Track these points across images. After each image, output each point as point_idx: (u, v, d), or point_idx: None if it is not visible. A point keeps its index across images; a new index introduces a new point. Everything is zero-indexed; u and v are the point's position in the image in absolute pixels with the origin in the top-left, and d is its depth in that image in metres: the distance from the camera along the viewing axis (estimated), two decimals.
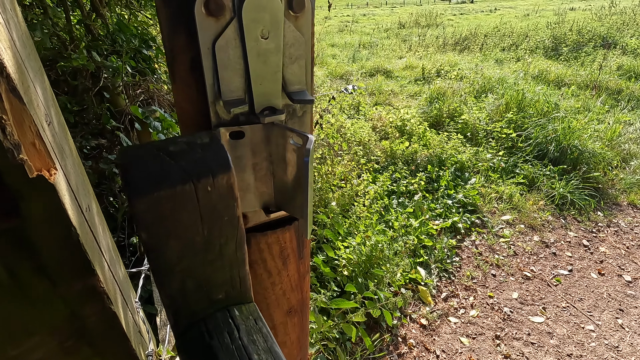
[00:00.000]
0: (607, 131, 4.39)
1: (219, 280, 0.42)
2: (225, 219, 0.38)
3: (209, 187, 0.34)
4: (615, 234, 3.26)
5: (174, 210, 0.34)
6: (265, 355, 0.39)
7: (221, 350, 0.39)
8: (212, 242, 0.39)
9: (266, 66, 0.41)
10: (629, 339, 2.36)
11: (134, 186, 0.32)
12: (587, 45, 8.34)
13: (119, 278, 0.74)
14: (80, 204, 0.59)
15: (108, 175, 2.40)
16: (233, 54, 0.40)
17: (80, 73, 2.44)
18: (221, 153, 0.35)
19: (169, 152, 0.34)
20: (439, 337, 2.35)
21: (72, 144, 0.66)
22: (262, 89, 0.42)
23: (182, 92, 0.44)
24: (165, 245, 0.35)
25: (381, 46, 10.46)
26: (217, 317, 0.43)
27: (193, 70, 0.42)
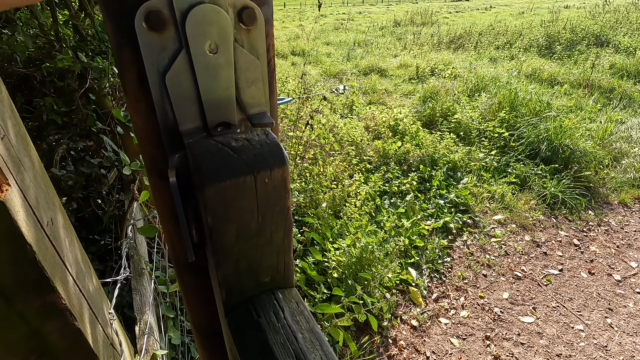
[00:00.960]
0: (599, 130, 4.41)
1: (266, 264, 0.46)
2: (277, 209, 0.42)
3: (267, 179, 0.39)
4: (606, 233, 3.28)
5: (236, 198, 0.38)
6: (308, 335, 0.42)
7: (268, 327, 0.42)
8: (264, 229, 0.42)
9: (216, 81, 0.39)
10: (617, 338, 2.37)
11: (207, 176, 0.36)
12: (581, 44, 8.38)
13: (87, 291, 0.72)
14: (39, 219, 0.57)
15: (95, 178, 2.37)
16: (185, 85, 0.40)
17: (66, 74, 2.40)
18: (277, 149, 0.39)
19: (232, 147, 0.39)
20: (429, 338, 2.35)
21: (34, 155, 0.64)
22: (214, 104, 0.41)
23: (133, 105, 0.43)
24: (226, 229, 0.40)
25: (376, 44, 10.44)
26: (264, 298, 0.47)
27: (141, 84, 0.40)
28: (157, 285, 1.16)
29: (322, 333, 0.44)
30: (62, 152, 2.34)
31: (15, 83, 2.45)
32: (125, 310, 1.64)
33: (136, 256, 1.31)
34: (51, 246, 0.59)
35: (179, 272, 0.60)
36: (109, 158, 1.98)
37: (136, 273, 1.25)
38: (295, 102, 3.86)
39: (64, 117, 2.39)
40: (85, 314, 0.67)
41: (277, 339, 0.41)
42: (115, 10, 0.36)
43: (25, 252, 0.50)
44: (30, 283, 0.53)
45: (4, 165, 0.50)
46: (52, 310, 0.57)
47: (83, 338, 0.63)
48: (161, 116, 0.41)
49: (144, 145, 0.47)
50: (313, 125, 3.17)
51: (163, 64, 0.38)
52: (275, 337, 0.41)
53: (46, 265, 0.54)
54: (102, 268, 2.13)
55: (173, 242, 0.57)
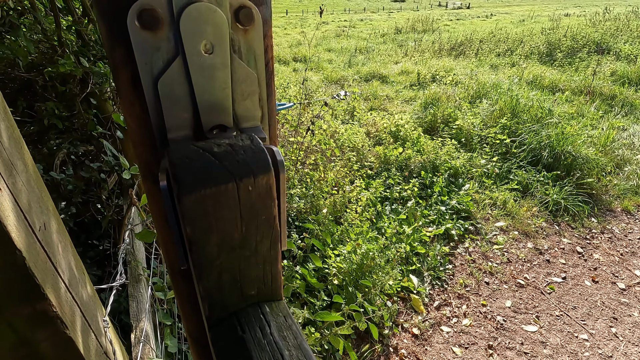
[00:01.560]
0: (601, 137, 4.39)
1: (252, 276, 0.44)
2: (263, 218, 0.40)
3: (250, 186, 0.37)
4: (609, 241, 3.24)
5: (217, 207, 0.36)
6: (296, 352, 0.40)
7: (253, 344, 0.40)
8: (249, 239, 0.40)
9: (212, 82, 0.38)
10: (622, 348, 2.33)
11: (183, 184, 0.34)
12: (582, 51, 8.39)
13: (81, 299, 0.70)
14: (32, 224, 0.56)
15: (95, 182, 2.36)
16: (179, 91, 0.38)
17: (68, 78, 2.41)
18: (262, 155, 0.38)
19: (214, 152, 0.37)
20: (431, 347, 2.31)
21: (28, 159, 0.63)
22: (209, 106, 0.39)
23: (127, 108, 0.41)
24: (207, 239, 0.38)
25: (377, 51, 10.49)
26: (249, 312, 0.45)
27: (134, 86, 0.39)
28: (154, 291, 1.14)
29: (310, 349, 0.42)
30: (63, 157, 2.33)
31: (17, 87, 2.46)
32: (122, 316, 1.62)
33: (133, 262, 1.29)
34: (43, 252, 0.58)
35: (173, 279, 0.59)
36: (109, 162, 1.97)
37: (133, 279, 1.23)
38: (296, 108, 3.86)
39: (65, 122, 2.39)
40: (78, 322, 0.66)
41: (263, 356, 0.39)
42: (108, 10, 0.35)
43: (15, 258, 0.49)
44: (20, 290, 0.51)
45: None
46: (43, 318, 0.55)
47: (74, 347, 0.61)
48: (155, 119, 0.40)
49: (139, 150, 0.46)
50: (314, 131, 3.17)
51: (157, 65, 0.37)
52: (260, 355, 0.39)
53: (37, 271, 0.53)
54: (100, 273, 2.11)
55: (168, 249, 0.55)
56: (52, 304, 0.56)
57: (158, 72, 0.37)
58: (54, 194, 2.05)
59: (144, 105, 0.40)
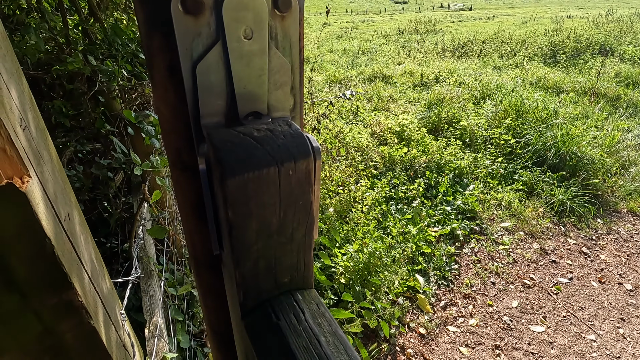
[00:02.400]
0: (606, 138, 4.38)
1: (286, 263, 0.43)
2: (300, 204, 0.39)
3: (291, 171, 0.37)
4: (616, 242, 3.23)
5: (258, 191, 0.36)
6: (331, 338, 0.39)
7: (289, 330, 0.40)
8: (286, 225, 0.40)
9: (249, 69, 0.38)
10: (630, 349, 2.32)
11: (228, 167, 0.34)
12: (585, 53, 8.38)
13: (102, 291, 0.71)
14: (58, 213, 0.56)
15: (102, 180, 2.36)
16: (215, 78, 0.38)
17: (75, 77, 2.42)
18: (301, 140, 0.37)
19: (255, 137, 0.37)
20: (437, 346, 2.31)
21: (52, 150, 0.63)
22: (245, 93, 0.39)
23: (160, 95, 0.42)
24: (247, 224, 0.37)
25: (380, 52, 10.50)
26: (282, 300, 0.44)
27: (171, 73, 0.39)
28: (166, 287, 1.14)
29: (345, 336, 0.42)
30: (70, 155, 2.34)
31: None
32: (132, 313, 1.62)
33: (145, 257, 1.30)
34: (68, 242, 0.58)
35: (197, 271, 0.59)
36: (118, 160, 1.98)
37: (145, 275, 1.23)
38: None
39: (72, 120, 2.40)
40: (100, 313, 0.66)
41: (300, 343, 0.39)
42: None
43: (44, 246, 0.49)
44: (48, 279, 0.52)
45: (25, 157, 0.49)
46: (68, 308, 0.55)
47: (98, 338, 0.61)
48: (192, 105, 0.40)
49: (170, 137, 0.46)
50: (320, 130, 3.17)
51: (197, 50, 0.37)
52: (297, 341, 0.39)
53: (64, 260, 0.53)
54: (108, 270, 2.11)
55: (193, 240, 0.55)
56: (77, 293, 0.56)
57: (197, 58, 0.37)
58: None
59: (180, 93, 0.40)
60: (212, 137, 0.37)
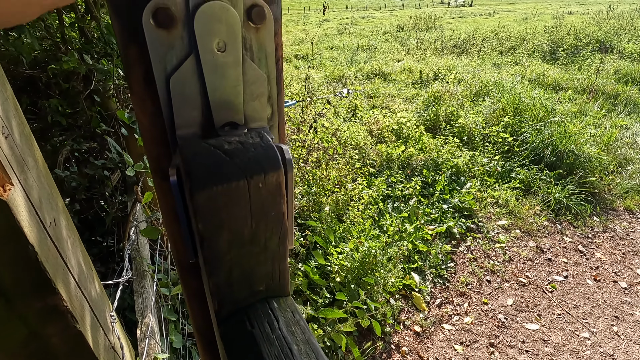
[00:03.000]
0: (604, 136, 4.38)
1: (261, 272, 0.44)
2: (272, 214, 0.40)
3: (260, 183, 0.37)
4: (612, 240, 3.24)
5: (228, 203, 0.36)
6: (304, 347, 0.40)
7: (262, 339, 0.41)
8: (259, 235, 0.41)
9: (224, 80, 0.39)
10: (624, 346, 2.34)
11: (196, 180, 0.34)
12: (585, 50, 8.36)
13: (89, 295, 0.71)
14: (42, 219, 0.56)
15: (99, 179, 2.37)
16: (189, 89, 0.39)
17: (72, 76, 2.42)
18: (271, 152, 0.38)
19: (225, 150, 0.37)
20: (432, 344, 2.32)
21: (38, 155, 0.64)
22: (221, 103, 0.40)
23: (138, 104, 0.42)
24: (218, 236, 0.38)
25: (379, 49, 10.46)
26: (258, 308, 0.45)
27: (147, 83, 0.40)
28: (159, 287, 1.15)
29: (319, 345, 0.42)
30: (66, 154, 2.34)
31: (21, 85, 2.46)
32: (127, 312, 1.63)
33: (138, 258, 1.30)
34: (54, 247, 0.58)
35: (181, 275, 0.59)
36: (113, 159, 1.98)
37: (138, 275, 1.24)
38: (298, 105, 3.86)
39: (68, 119, 2.40)
40: (87, 317, 0.66)
41: (272, 351, 0.39)
42: (122, 8, 0.36)
43: (28, 253, 0.49)
44: (32, 284, 0.52)
45: (7, 165, 0.49)
46: (53, 312, 0.56)
47: (84, 342, 0.62)
48: (167, 117, 0.40)
49: (149, 146, 0.46)
50: (317, 129, 3.17)
51: (171, 62, 0.37)
52: (269, 349, 0.40)
53: (48, 266, 0.53)
54: (103, 270, 2.12)
55: (177, 244, 0.56)
56: (62, 298, 0.56)
57: (171, 70, 0.37)
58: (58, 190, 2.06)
59: (156, 103, 0.41)
60: (183, 149, 0.38)
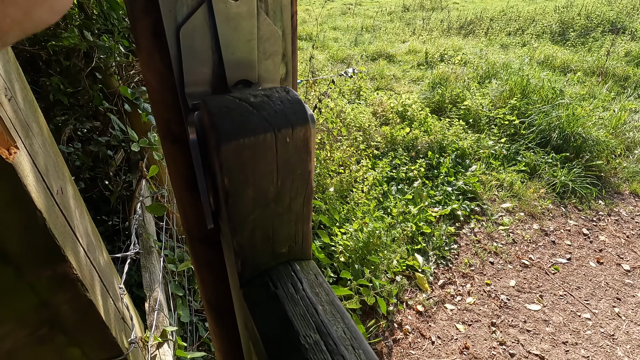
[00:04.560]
0: (612, 119, 4.31)
1: (284, 234, 0.43)
2: (298, 172, 0.39)
3: (288, 138, 0.35)
4: (616, 223, 3.23)
5: (254, 158, 0.35)
6: (329, 307, 0.40)
7: (286, 299, 0.40)
8: (283, 195, 0.39)
9: (237, 33, 0.36)
10: (625, 327, 2.36)
11: (223, 132, 0.33)
12: (595, 31, 8.14)
13: (98, 265, 0.71)
14: (50, 187, 0.55)
15: (102, 158, 2.36)
16: (201, 42, 0.36)
17: (72, 53, 2.37)
18: (299, 106, 0.36)
19: (251, 102, 0.35)
20: (434, 323, 2.35)
21: (43, 123, 0.62)
22: (234, 59, 0.38)
23: (146, 62, 0.40)
24: (243, 192, 0.37)
25: (384, 30, 10.23)
26: (280, 270, 0.44)
27: (156, 37, 0.37)
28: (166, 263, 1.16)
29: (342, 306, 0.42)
30: (69, 133, 2.33)
31: (22, 63, 2.43)
32: (134, 289, 1.65)
33: (145, 234, 1.30)
34: (61, 215, 0.57)
35: (192, 245, 0.58)
36: (117, 137, 1.96)
37: (145, 251, 1.25)
38: (302, 85, 3.80)
39: (70, 98, 2.37)
40: (97, 286, 0.66)
41: (297, 311, 0.39)
42: None
43: (36, 219, 0.48)
44: (41, 252, 0.52)
45: (12, 128, 0.47)
46: (63, 280, 0.56)
47: (95, 310, 0.62)
48: (178, 72, 0.38)
49: (158, 108, 0.44)
50: (321, 109, 3.13)
51: (181, 12, 0.35)
52: (294, 309, 0.39)
53: (57, 233, 0.53)
54: (110, 248, 2.14)
55: (187, 214, 0.54)
56: (72, 266, 0.56)
57: (182, 20, 0.35)
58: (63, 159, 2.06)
59: (166, 58, 0.39)
60: (207, 102, 0.36)
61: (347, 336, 0.35)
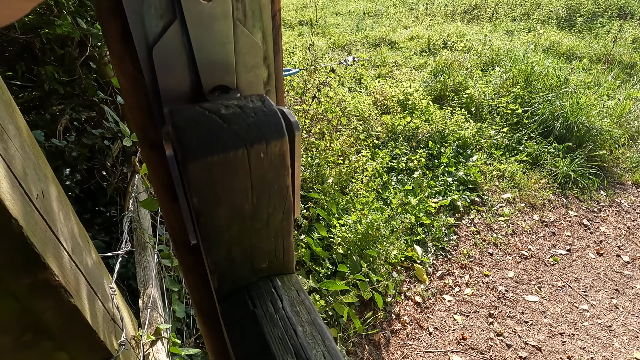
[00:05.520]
0: (617, 107, 4.24)
1: (264, 250, 0.42)
2: (275, 188, 0.37)
3: (262, 153, 0.34)
4: (617, 214, 3.21)
5: (225, 175, 0.33)
6: (309, 328, 0.38)
7: (265, 319, 0.39)
8: (260, 211, 0.38)
9: (211, 35, 0.34)
10: (622, 319, 2.36)
11: (188, 149, 0.31)
12: (603, 16, 7.94)
13: (85, 266, 0.70)
14: (28, 192, 0.53)
15: (99, 149, 2.34)
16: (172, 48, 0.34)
17: (66, 41, 2.32)
18: (274, 118, 0.34)
19: (221, 115, 0.33)
20: (432, 314, 2.36)
21: (21, 123, 0.60)
22: (209, 63, 0.35)
23: (118, 66, 0.37)
24: (215, 211, 0.35)
25: (386, 15, 10.03)
26: (260, 286, 0.43)
27: (126, 41, 0.35)
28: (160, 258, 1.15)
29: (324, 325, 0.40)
30: (66, 123, 2.30)
31: (17, 51, 2.38)
32: (132, 282, 1.65)
33: (139, 229, 1.29)
34: (42, 220, 0.56)
35: (177, 251, 0.57)
36: (111, 129, 1.94)
37: (139, 246, 1.24)
38: (302, 74, 3.74)
39: (66, 87, 2.33)
40: (83, 290, 0.65)
41: (275, 333, 0.37)
42: None
43: (11, 227, 0.47)
44: (19, 260, 0.50)
45: None
46: (45, 287, 0.54)
47: (80, 315, 0.61)
48: (149, 78, 0.36)
49: (134, 113, 0.42)
50: (320, 99, 3.08)
51: (149, 14, 0.32)
52: (272, 331, 0.37)
53: (36, 240, 0.51)
54: (108, 240, 2.14)
55: (170, 220, 0.53)
56: (54, 273, 0.54)
57: (150, 23, 0.32)
58: (58, 160, 2.04)
59: (137, 62, 0.36)
60: (174, 115, 0.33)
61: None
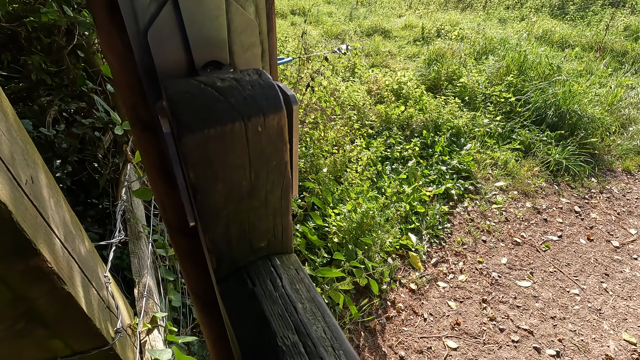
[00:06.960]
0: (608, 95, 4.27)
1: (262, 228, 0.41)
2: (274, 164, 0.36)
3: (260, 127, 0.32)
4: (607, 200, 3.26)
5: (222, 150, 0.32)
6: (309, 304, 0.38)
7: (264, 297, 0.38)
8: (258, 188, 0.37)
9: (202, 7, 0.33)
10: (611, 302, 2.42)
11: (184, 122, 0.30)
12: (595, 4, 7.95)
13: (78, 254, 0.69)
14: (16, 177, 0.52)
15: (90, 141, 2.30)
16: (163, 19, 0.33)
17: (53, 29, 2.26)
18: (272, 91, 0.33)
19: (217, 87, 0.32)
20: (427, 301, 2.39)
21: (7, 107, 0.58)
22: (201, 38, 0.34)
23: (105, 41, 0.36)
24: (212, 188, 0.34)
25: (380, 3, 9.92)
26: (259, 265, 0.42)
27: (112, 13, 0.34)
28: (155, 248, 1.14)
29: (324, 302, 0.40)
30: (55, 114, 2.25)
31: (3, 41, 2.32)
32: (126, 272, 1.64)
33: (133, 219, 1.28)
34: (32, 206, 0.54)
35: (172, 235, 0.56)
36: (102, 119, 1.90)
37: (133, 236, 1.23)
38: (295, 63, 3.70)
39: (54, 77, 2.28)
40: (77, 277, 0.64)
41: (275, 310, 0.37)
42: None
43: (0, 212, 0.46)
44: (10, 246, 0.49)
45: None
46: (38, 274, 0.53)
47: (74, 302, 0.60)
48: (139, 54, 0.35)
49: (123, 92, 0.41)
50: (314, 88, 3.05)
51: None
52: (272, 308, 0.37)
53: (26, 226, 0.50)
54: (101, 231, 2.12)
55: (164, 203, 0.52)
56: (46, 259, 0.53)
57: None
58: (48, 152, 2.00)
59: (125, 38, 0.35)
60: (168, 88, 0.33)
61: (327, 336, 0.34)
